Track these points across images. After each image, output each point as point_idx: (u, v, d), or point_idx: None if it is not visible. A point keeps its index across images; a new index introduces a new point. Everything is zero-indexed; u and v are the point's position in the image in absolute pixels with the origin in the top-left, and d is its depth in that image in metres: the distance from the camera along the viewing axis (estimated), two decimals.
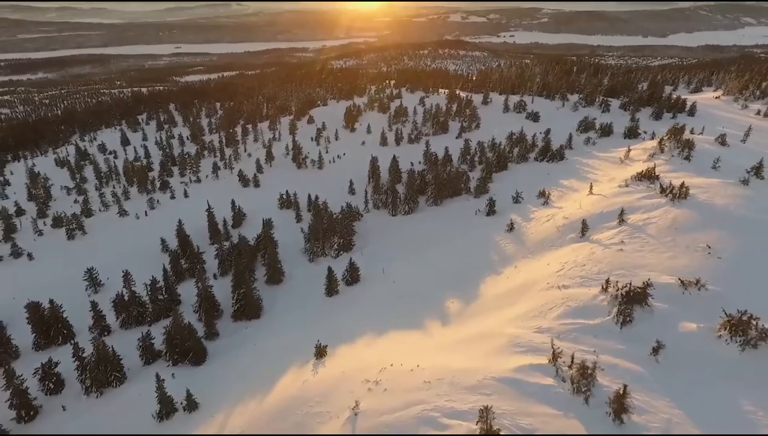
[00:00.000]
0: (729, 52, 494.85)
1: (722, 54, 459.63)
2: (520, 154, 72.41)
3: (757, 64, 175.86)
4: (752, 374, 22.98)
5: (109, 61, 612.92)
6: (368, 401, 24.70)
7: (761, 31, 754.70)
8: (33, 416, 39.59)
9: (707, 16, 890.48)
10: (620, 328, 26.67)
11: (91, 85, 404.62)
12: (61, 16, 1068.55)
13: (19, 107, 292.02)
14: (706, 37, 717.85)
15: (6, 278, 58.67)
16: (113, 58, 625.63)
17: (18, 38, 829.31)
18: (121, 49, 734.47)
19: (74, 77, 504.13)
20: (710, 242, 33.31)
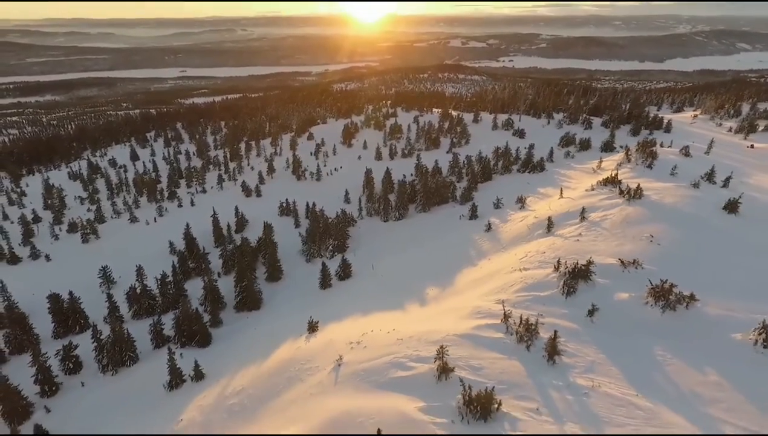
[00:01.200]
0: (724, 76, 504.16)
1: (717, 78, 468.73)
2: (504, 166, 77.81)
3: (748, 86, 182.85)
4: (668, 329, 27.66)
5: (115, 83, 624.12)
6: (350, 356, 29.37)
7: (756, 56, 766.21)
8: (55, 391, 43.91)
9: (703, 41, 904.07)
10: (565, 298, 31.43)
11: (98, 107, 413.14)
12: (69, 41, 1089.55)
13: (27, 128, 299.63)
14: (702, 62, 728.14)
15: (26, 276, 63.45)
16: (119, 81, 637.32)
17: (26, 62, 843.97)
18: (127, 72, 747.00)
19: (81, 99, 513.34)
20: (653, 233, 38.20)
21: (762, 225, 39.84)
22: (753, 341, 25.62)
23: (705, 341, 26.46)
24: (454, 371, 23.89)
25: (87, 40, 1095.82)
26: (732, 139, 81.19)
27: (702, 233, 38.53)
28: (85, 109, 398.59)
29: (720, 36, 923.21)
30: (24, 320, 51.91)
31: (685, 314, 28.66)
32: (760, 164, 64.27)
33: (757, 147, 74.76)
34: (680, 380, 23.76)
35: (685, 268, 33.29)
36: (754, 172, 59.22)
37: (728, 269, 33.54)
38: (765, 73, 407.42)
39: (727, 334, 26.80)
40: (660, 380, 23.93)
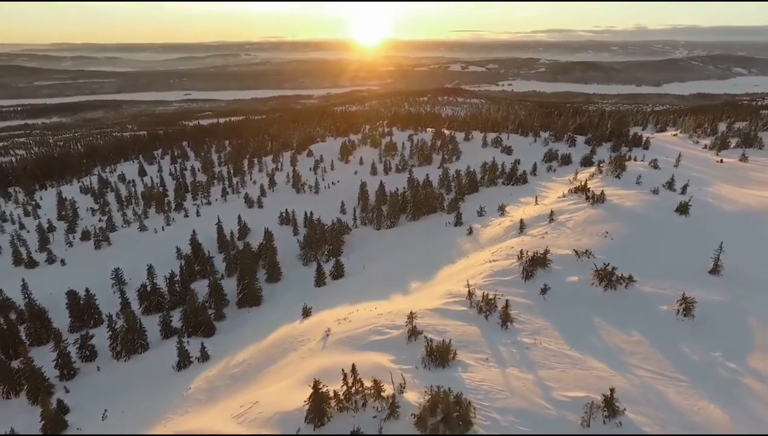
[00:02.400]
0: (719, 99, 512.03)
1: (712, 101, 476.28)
2: (489, 180, 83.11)
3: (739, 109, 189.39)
4: (608, 303, 32.42)
5: (120, 106, 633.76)
6: (337, 329, 34.16)
7: (752, 80, 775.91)
8: (73, 375, 48.50)
9: (700, 66, 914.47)
10: (524, 281, 36.27)
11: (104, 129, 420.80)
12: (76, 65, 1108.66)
13: (35, 149, 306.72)
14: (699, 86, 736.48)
15: (43, 278, 68.27)
16: (125, 104, 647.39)
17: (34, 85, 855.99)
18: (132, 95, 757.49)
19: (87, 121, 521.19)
20: (609, 230, 43.17)
21: (706, 224, 44.79)
22: (675, 310, 30.46)
23: (637, 311, 31.24)
24: (421, 334, 28.64)
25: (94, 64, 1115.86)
26: (704, 155, 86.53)
27: (651, 230, 43.50)
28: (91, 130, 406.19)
29: (716, 61, 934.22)
30: (43, 314, 56.63)
31: (623, 292, 33.47)
32: (724, 176, 69.43)
33: (725, 161, 79.96)
34: (609, 340, 28.52)
35: (630, 257, 38.09)
36: (716, 183, 64.38)
37: (667, 257, 38.40)
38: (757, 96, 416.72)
39: (656, 306, 31.60)
40: (592, 339, 28.67)
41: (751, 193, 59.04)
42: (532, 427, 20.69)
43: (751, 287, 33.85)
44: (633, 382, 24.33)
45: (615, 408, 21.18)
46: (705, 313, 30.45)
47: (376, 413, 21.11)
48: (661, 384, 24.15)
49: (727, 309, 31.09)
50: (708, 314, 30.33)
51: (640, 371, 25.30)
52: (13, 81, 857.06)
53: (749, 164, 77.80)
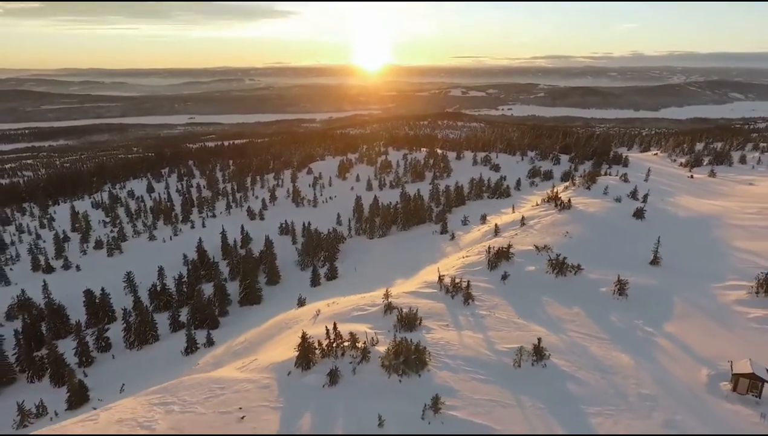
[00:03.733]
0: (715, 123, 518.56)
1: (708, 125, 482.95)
2: (476, 193, 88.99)
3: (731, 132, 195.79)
4: (558, 287, 37.83)
5: (126, 129, 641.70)
6: (326, 310, 39.49)
7: (749, 105, 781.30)
8: (90, 362, 53.62)
9: (697, 91, 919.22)
10: (490, 270, 41.76)
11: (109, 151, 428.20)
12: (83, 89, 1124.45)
13: (42, 170, 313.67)
14: (696, 110, 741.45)
15: (60, 282, 73.61)
16: (130, 127, 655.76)
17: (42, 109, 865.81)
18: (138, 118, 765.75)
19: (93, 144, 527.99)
20: (569, 230, 48.79)
21: (657, 226, 50.31)
22: (612, 291, 35.94)
23: (580, 292, 36.69)
24: (396, 309, 34.00)
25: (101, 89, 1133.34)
26: (678, 171, 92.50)
27: (607, 230, 49.11)
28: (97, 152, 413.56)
29: (713, 86, 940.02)
30: (62, 311, 61.96)
31: (572, 278, 38.94)
32: (689, 189, 75.23)
33: (696, 177, 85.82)
34: (552, 312, 33.94)
35: (584, 251, 43.56)
36: (680, 194, 70.13)
37: (617, 252, 43.93)
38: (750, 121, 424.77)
39: (597, 288, 37.08)
40: (538, 312, 34.08)
41: (708, 202, 64.77)
42: (475, 368, 26.08)
43: (681, 274, 39.37)
44: (564, 339, 29.70)
45: (542, 354, 26.65)
46: (637, 293, 35.86)
47: (351, 359, 26.61)
48: (587, 341, 29.50)
49: (656, 290, 36.53)
50: (640, 294, 35.73)
51: (571, 333, 30.66)
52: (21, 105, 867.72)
53: (716, 179, 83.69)
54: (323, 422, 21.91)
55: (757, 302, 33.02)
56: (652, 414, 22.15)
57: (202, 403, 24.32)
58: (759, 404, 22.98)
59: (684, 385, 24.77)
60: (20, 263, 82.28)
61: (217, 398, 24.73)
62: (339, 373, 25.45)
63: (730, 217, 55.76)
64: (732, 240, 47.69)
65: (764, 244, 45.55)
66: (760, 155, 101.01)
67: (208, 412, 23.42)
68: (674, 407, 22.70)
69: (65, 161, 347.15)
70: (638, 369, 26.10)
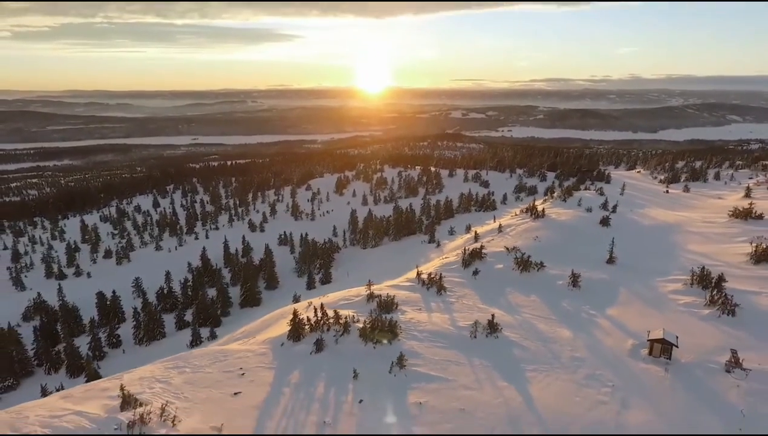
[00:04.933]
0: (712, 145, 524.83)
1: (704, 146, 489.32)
2: (464, 207, 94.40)
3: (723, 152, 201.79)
4: (521, 281, 42.85)
5: (130, 149, 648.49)
6: (317, 302, 44.47)
7: (747, 127, 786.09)
8: (102, 357, 58.45)
9: (695, 113, 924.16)
10: (463, 268, 46.83)
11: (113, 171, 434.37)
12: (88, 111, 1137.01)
13: (47, 189, 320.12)
14: (694, 132, 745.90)
15: (72, 287, 78.51)
16: (134, 148, 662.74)
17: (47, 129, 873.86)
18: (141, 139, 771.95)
19: (97, 163, 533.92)
20: (539, 235, 53.96)
21: (620, 232, 55.37)
22: (567, 283, 40.92)
23: (540, 285, 41.68)
24: (377, 298, 39.01)
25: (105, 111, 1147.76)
26: (656, 187, 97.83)
27: (574, 235, 54.27)
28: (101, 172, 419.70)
29: (711, 109, 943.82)
30: (75, 312, 66.95)
31: (535, 274, 43.99)
32: (662, 202, 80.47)
33: (671, 192, 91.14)
34: (512, 300, 38.93)
35: (549, 252, 48.62)
36: (651, 207, 75.33)
37: (580, 252, 48.97)
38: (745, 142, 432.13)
39: (555, 282, 42.09)
40: (500, 300, 39.07)
41: (675, 213, 69.91)
42: (438, 339, 31.10)
43: (632, 271, 44.38)
44: (517, 319, 34.72)
45: (495, 328, 31.69)
46: (589, 285, 40.86)
47: (335, 332, 31.71)
48: (537, 320, 34.50)
49: (606, 283, 41.53)
50: (591, 286, 40.72)
51: (525, 315, 35.66)
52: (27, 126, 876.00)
53: (690, 194, 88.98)
54: (309, 377, 26.98)
55: (689, 291, 37.97)
56: (578, 371, 27.07)
57: (209, 366, 29.34)
58: (669, 364, 27.84)
59: (610, 351, 29.67)
60: (34, 271, 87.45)
61: (221, 362, 29.77)
62: (324, 343, 30.59)
63: (690, 225, 60.91)
64: (686, 244, 52.75)
65: (713, 247, 50.62)
66: (733, 172, 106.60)
67: (215, 371, 28.46)
68: (597, 366, 27.62)
69: (70, 181, 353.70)
70: (575, 340, 31.07)
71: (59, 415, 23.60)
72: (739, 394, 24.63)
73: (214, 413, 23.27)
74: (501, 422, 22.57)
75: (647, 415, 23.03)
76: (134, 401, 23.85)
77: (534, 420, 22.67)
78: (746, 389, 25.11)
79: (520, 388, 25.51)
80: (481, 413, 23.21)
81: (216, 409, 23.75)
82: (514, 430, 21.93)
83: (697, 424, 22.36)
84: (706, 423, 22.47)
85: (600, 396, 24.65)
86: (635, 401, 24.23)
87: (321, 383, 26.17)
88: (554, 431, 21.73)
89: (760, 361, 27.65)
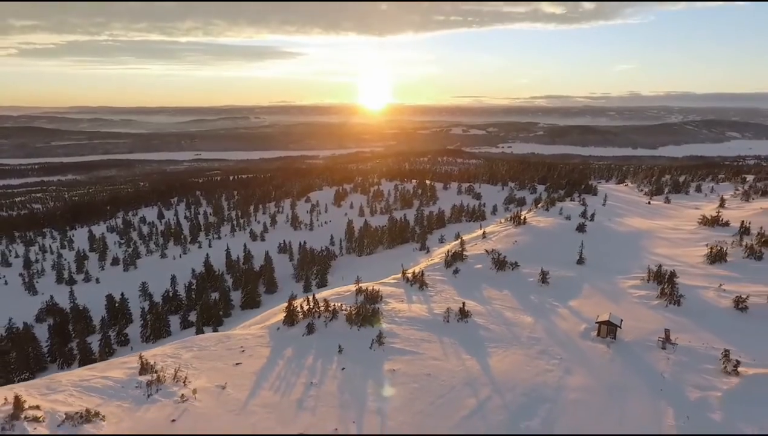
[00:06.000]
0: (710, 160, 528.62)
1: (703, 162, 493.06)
2: (455, 217, 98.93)
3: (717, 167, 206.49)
4: (497, 279, 47.12)
5: (133, 165, 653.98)
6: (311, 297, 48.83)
7: (746, 143, 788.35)
8: (111, 353, 62.38)
9: (694, 130, 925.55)
10: (446, 268, 51.14)
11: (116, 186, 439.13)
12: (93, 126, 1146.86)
13: (51, 203, 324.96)
14: (693, 149, 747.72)
15: (82, 292, 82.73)
16: (137, 163, 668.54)
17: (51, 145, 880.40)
18: (144, 155, 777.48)
19: (100, 178, 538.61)
20: (519, 240, 58.35)
21: (594, 237, 59.68)
22: (537, 281, 45.20)
23: (513, 282, 45.98)
24: (364, 292, 43.34)
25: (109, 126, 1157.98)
26: (639, 199, 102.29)
27: (550, 239, 58.64)
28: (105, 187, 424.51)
29: (710, 125, 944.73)
30: (86, 313, 71.19)
31: (510, 272, 48.31)
32: (641, 212, 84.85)
33: (653, 203, 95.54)
34: (486, 294, 43.20)
35: (525, 254, 52.93)
36: (630, 216, 79.73)
37: (554, 254, 53.20)
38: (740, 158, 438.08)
39: (527, 279, 46.38)
40: (476, 293, 43.32)
41: (651, 222, 74.31)
42: (415, 323, 35.38)
43: (599, 270, 48.68)
44: (487, 309, 38.98)
45: (465, 314, 36.00)
46: (557, 282, 45.12)
47: (325, 318, 36.05)
48: (505, 310, 38.78)
49: (573, 280, 45.81)
50: (559, 283, 44.98)
51: (495, 305, 39.94)
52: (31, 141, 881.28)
53: (670, 205, 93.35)
54: (300, 352, 31.32)
55: (645, 286, 42.25)
56: (533, 347, 31.29)
57: (213, 346, 33.65)
58: (613, 342, 32.05)
59: (564, 333, 33.87)
60: (45, 277, 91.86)
61: (224, 343, 34.07)
62: (315, 326, 34.99)
63: (660, 232, 65.31)
64: (653, 248, 57.09)
65: (677, 250, 54.99)
66: (713, 185, 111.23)
67: (219, 349, 32.79)
68: (551, 344, 31.84)
69: (74, 195, 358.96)
70: (535, 324, 35.31)
71: (87, 379, 28.04)
72: (667, 364, 28.85)
73: (218, 377, 27.60)
74: (460, 382, 26.76)
75: (585, 379, 27.20)
76: (150, 367, 28.28)
77: (487, 381, 26.89)
78: (674, 360, 29.33)
79: (480, 359, 29.70)
80: (444, 376, 27.41)
81: (220, 374, 28.04)
82: (470, 388, 26.11)
83: (625, 385, 26.54)
84: (633, 384, 26.65)
85: (548, 366, 28.83)
86: (577, 369, 28.40)
87: (310, 356, 30.50)
88: (502, 391, 25.96)
89: (690, 340, 31.87)
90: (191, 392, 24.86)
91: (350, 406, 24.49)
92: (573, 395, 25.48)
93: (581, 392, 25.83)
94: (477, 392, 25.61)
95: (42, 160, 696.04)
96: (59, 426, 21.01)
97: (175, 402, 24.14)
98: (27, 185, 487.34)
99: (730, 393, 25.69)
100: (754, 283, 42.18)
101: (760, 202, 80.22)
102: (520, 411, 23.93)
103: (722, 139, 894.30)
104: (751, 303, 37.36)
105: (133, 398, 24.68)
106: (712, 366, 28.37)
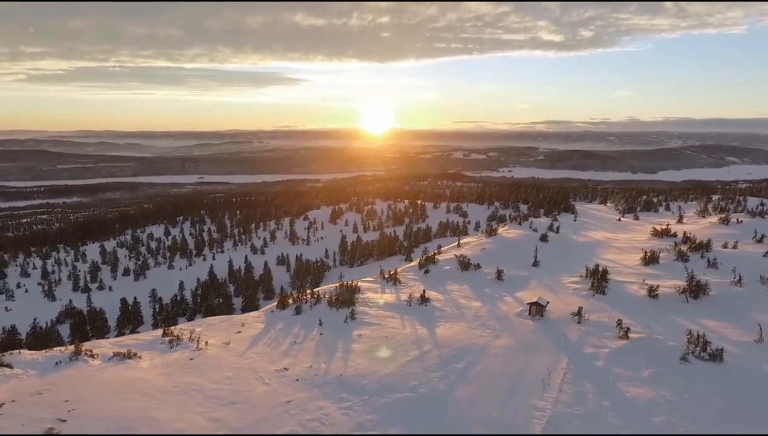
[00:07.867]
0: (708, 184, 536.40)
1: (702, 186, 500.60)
2: (441, 233, 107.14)
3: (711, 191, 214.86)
4: (462, 277, 55.01)
5: (137, 187, 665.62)
6: None
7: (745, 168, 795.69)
8: None
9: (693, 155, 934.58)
10: (419, 269, 59.17)
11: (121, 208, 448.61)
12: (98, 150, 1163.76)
13: (56, 225, 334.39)
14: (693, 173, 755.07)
15: (97, 298, 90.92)
16: (141, 186, 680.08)
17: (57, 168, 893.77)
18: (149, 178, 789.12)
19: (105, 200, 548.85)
20: (486, 248, 66.47)
21: (555, 246, 67.90)
22: (494, 278, 53.21)
23: (473, 279, 53.92)
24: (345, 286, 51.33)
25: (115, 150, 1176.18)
26: (611, 216, 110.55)
27: (514, 247, 66.78)
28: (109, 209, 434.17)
29: (709, 150, 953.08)
30: (102, 315, 79.01)
31: (473, 272, 56.29)
32: (609, 227, 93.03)
33: (623, 220, 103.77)
34: (448, 287, 51.12)
35: (489, 259, 60.96)
36: (597, 230, 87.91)
37: (515, 259, 61.26)
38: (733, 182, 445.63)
39: (486, 277, 54.32)
40: (440, 287, 51.23)
41: (611, 235, 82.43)
42: (383, 306, 43.29)
43: (549, 270, 56.71)
44: (446, 297, 46.93)
45: (425, 299, 43.98)
46: (510, 279, 53.07)
47: (311, 303, 44.11)
48: (460, 298, 46.68)
49: (524, 277, 53.79)
50: (512, 280, 52.92)
51: (454, 295, 47.87)
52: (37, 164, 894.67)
53: (638, 221, 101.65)
54: (289, 325, 39.32)
55: (582, 281, 50.17)
56: (474, 322, 39.17)
57: (218, 324, 41.62)
58: (540, 319, 39.95)
59: (503, 313, 41.76)
60: (62, 285, 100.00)
61: (228, 321, 42.07)
62: (302, 309, 43.00)
63: (616, 242, 73.40)
64: (603, 254, 65.07)
65: (622, 256, 62.99)
66: (681, 204, 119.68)
67: (224, 325, 40.79)
68: (489, 320, 39.72)
69: (79, 217, 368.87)
70: (481, 308, 43.23)
71: (119, 342, 36.06)
72: (576, 332, 36.75)
73: (223, 338, 35.66)
74: (409, 342, 34.72)
75: (507, 341, 35.10)
76: (171, 332, 36.33)
77: (431, 341, 34.84)
78: (583, 330, 37.22)
79: (430, 329, 37.62)
80: (398, 338, 35.38)
81: (225, 336, 36.09)
82: (416, 345, 34.05)
83: (538, 345, 34.39)
84: (544, 345, 34.49)
85: (482, 333, 36.74)
86: (504, 335, 36.30)
87: (296, 327, 38.49)
88: (441, 347, 33.88)
89: (602, 317, 39.80)
90: (204, 344, 32.98)
91: (323, 354, 32.44)
92: (494, 351, 33.34)
93: (501, 348, 33.69)
94: (421, 348, 33.55)
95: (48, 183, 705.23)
96: (109, 360, 29.10)
97: (192, 351, 32.23)
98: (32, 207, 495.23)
99: (615, 349, 33.49)
100: (674, 279, 49.99)
101: (712, 218, 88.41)
102: (450, 359, 31.80)
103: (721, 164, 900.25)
104: (661, 292, 45.14)
105: (159, 350, 32.76)
106: (611, 333, 36.22)
